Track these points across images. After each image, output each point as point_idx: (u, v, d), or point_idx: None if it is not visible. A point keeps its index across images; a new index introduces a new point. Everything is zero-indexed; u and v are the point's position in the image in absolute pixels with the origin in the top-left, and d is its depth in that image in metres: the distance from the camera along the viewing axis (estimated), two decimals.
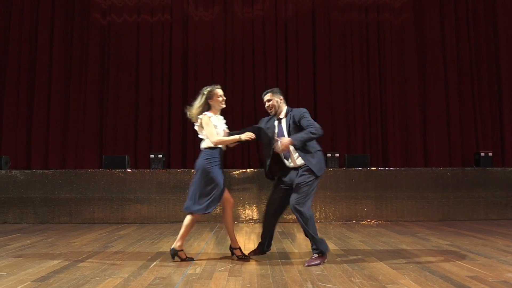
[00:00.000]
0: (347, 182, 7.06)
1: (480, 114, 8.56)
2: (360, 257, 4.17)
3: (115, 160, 7.41)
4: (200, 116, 4.15)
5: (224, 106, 4.30)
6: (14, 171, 7.08)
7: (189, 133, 8.41)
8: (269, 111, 4.31)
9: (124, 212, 6.98)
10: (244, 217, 6.97)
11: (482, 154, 7.76)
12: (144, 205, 6.99)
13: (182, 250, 4.07)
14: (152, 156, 7.65)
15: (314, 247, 3.93)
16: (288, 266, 3.82)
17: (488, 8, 8.76)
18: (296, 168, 4.02)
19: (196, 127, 4.25)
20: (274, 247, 4.74)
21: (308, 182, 3.88)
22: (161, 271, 3.62)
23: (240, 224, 6.81)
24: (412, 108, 8.54)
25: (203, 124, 4.10)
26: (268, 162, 4.12)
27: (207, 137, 4.10)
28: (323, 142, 8.24)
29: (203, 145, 4.16)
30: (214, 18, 8.67)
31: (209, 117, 4.12)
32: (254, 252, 4.29)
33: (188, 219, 4.05)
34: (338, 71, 8.61)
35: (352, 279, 3.34)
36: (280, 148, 3.89)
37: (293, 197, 3.88)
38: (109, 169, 7.10)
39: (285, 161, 4.08)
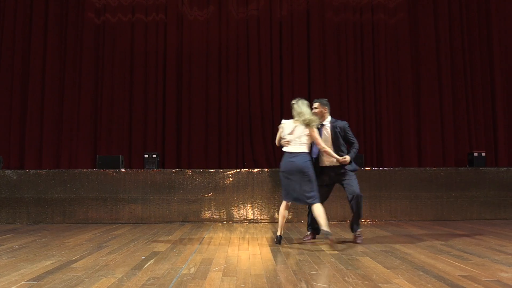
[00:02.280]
0: None
1: (473, 114, 8.62)
2: (354, 257, 4.18)
3: (109, 159, 7.38)
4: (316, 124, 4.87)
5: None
6: (7, 171, 7.04)
7: (184, 133, 8.40)
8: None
9: (118, 212, 6.95)
10: (238, 217, 6.97)
11: (476, 154, 7.81)
12: (138, 205, 6.97)
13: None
14: (146, 156, 7.63)
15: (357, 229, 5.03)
16: (283, 265, 3.82)
17: (481, 8, 8.81)
18: (335, 168, 5.00)
19: (307, 131, 4.83)
20: (268, 247, 4.75)
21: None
22: (155, 272, 3.61)
23: (234, 224, 6.81)
24: (406, 108, 8.57)
25: (315, 132, 4.84)
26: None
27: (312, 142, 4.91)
28: None
29: (306, 148, 4.86)
30: (208, 18, 8.66)
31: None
32: (310, 238, 5.24)
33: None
34: (333, 71, 8.62)
35: (346, 278, 3.35)
36: (345, 161, 4.91)
37: (354, 187, 4.89)
38: (103, 169, 7.07)
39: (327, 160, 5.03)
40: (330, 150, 4.92)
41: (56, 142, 8.33)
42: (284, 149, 4.92)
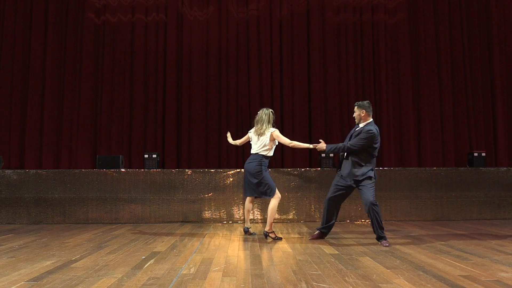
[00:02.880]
0: None
1: (473, 115, 8.61)
2: (354, 257, 4.18)
3: (109, 160, 7.37)
4: (272, 130, 5.34)
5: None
6: (7, 171, 7.04)
7: (184, 133, 8.40)
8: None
9: (118, 212, 6.95)
10: (238, 217, 6.96)
11: (476, 154, 7.80)
12: (138, 205, 6.96)
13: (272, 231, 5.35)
14: (146, 156, 7.63)
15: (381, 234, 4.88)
16: (283, 266, 3.82)
17: (481, 8, 8.80)
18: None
19: (262, 138, 5.36)
20: (268, 247, 4.75)
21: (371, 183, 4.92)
22: (155, 272, 3.61)
23: (234, 224, 6.80)
24: (406, 108, 8.57)
25: (276, 136, 5.33)
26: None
27: (273, 146, 5.41)
28: (317, 141, 8.29)
29: (265, 152, 5.36)
30: (208, 18, 8.65)
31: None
32: (316, 237, 5.27)
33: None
34: (333, 70, 8.62)
35: (346, 278, 3.35)
36: (321, 147, 5.21)
37: (367, 194, 4.84)
38: (103, 169, 7.07)
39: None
40: (296, 142, 5.40)
41: (56, 142, 8.33)
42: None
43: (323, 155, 7.53)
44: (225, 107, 8.51)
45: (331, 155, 7.60)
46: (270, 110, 5.49)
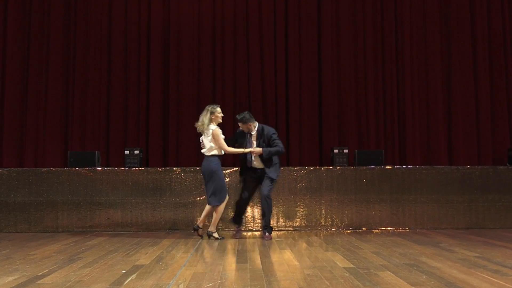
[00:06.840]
0: (357, 182, 7.07)
1: None
2: (372, 271, 4.19)
3: (83, 156, 7.39)
4: (212, 128, 6.05)
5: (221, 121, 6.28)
6: None
7: (171, 125, 8.39)
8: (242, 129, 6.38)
9: (94, 218, 6.96)
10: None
11: None
12: (118, 210, 6.98)
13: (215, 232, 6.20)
14: (127, 152, 7.62)
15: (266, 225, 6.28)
16: (288, 281, 3.82)
17: None
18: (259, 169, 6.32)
19: (204, 138, 6.16)
20: (270, 260, 4.76)
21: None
22: None
23: (231, 233, 6.79)
24: (434, 95, 8.54)
25: (215, 136, 6.01)
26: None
27: (218, 147, 6.05)
28: (330, 135, 8.28)
29: (211, 152, 6.10)
30: None
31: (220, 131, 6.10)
32: (238, 231, 6.56)
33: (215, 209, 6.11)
34: (347, 49, 8.58)
35: None
36: (255, 152, 6.18)
37: (265, 187, 6.18)
38: (75, 168, 7.08)
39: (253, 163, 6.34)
40: (232, 148, 6.31)
41: (19, 136, 8.33)
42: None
43: (336, 151, 7.54)
44: (220, 93, 8.49)
45: (345, 150, 7.59)
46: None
